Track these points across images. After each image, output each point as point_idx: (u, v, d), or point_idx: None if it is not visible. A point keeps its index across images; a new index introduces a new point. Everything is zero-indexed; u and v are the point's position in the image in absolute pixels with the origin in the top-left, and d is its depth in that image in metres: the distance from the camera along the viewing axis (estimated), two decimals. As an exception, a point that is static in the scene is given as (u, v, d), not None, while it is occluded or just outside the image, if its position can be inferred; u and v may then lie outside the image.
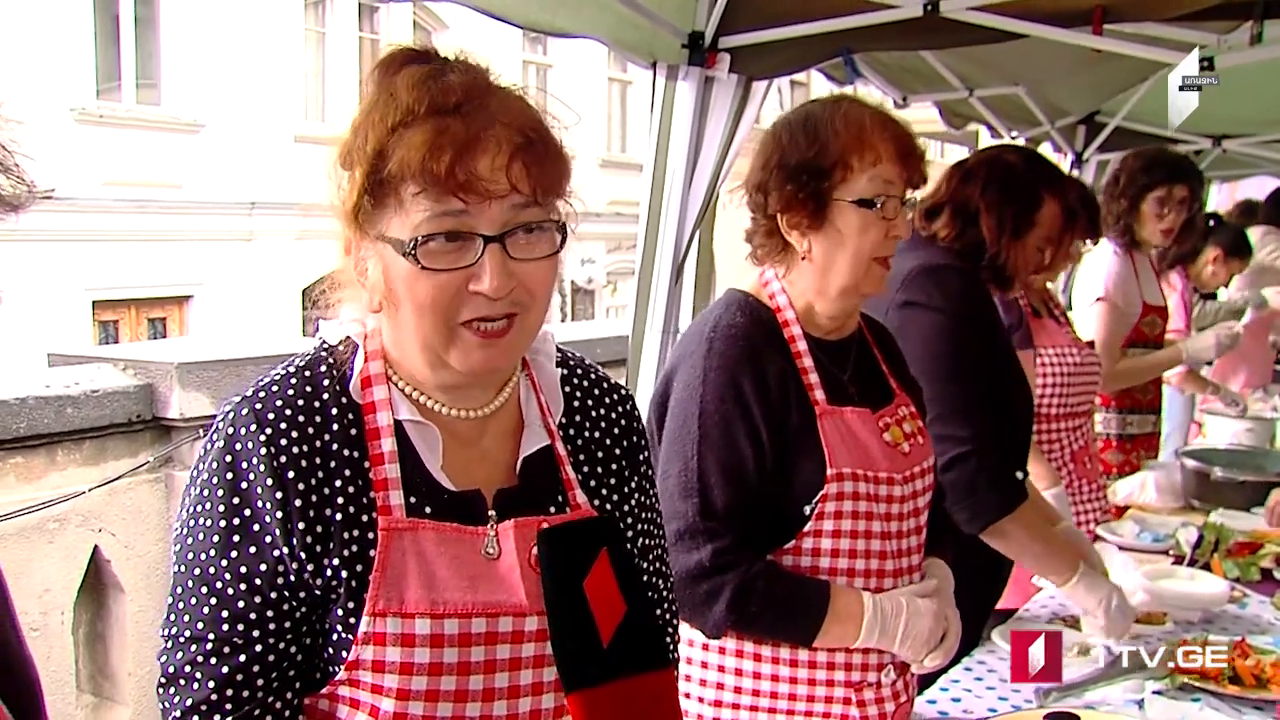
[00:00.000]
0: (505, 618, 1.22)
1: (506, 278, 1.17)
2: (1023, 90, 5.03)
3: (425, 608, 1.19)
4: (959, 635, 1.90)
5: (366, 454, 1.22)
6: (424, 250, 1.15)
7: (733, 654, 1.89)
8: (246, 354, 3.56)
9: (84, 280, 12.08)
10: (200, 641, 1.18)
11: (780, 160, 1.86)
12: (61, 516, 3.15)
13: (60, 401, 3.13)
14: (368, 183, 1.16)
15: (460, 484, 1.26)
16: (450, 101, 1.16)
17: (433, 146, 1.13)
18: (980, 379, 2.37)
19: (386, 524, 1.20)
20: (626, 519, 1.40)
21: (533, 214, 1.18)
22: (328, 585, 1.19)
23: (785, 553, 1.83)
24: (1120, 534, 3.15)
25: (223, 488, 1.19)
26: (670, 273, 3.50)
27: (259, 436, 1.19)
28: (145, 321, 13.10)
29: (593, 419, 1.40)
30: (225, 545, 1.18)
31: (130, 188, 12.34)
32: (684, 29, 3.39)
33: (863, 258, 1.84)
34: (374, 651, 1.18)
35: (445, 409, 1.28)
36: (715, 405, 1.83)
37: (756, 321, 1.89)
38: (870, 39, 3.48)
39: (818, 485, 1.81)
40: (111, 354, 3.61)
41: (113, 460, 3.29)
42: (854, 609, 1.80)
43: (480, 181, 1.14)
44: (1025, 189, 2.59)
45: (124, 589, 3.34)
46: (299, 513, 1.18)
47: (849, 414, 1.87)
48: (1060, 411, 3.25)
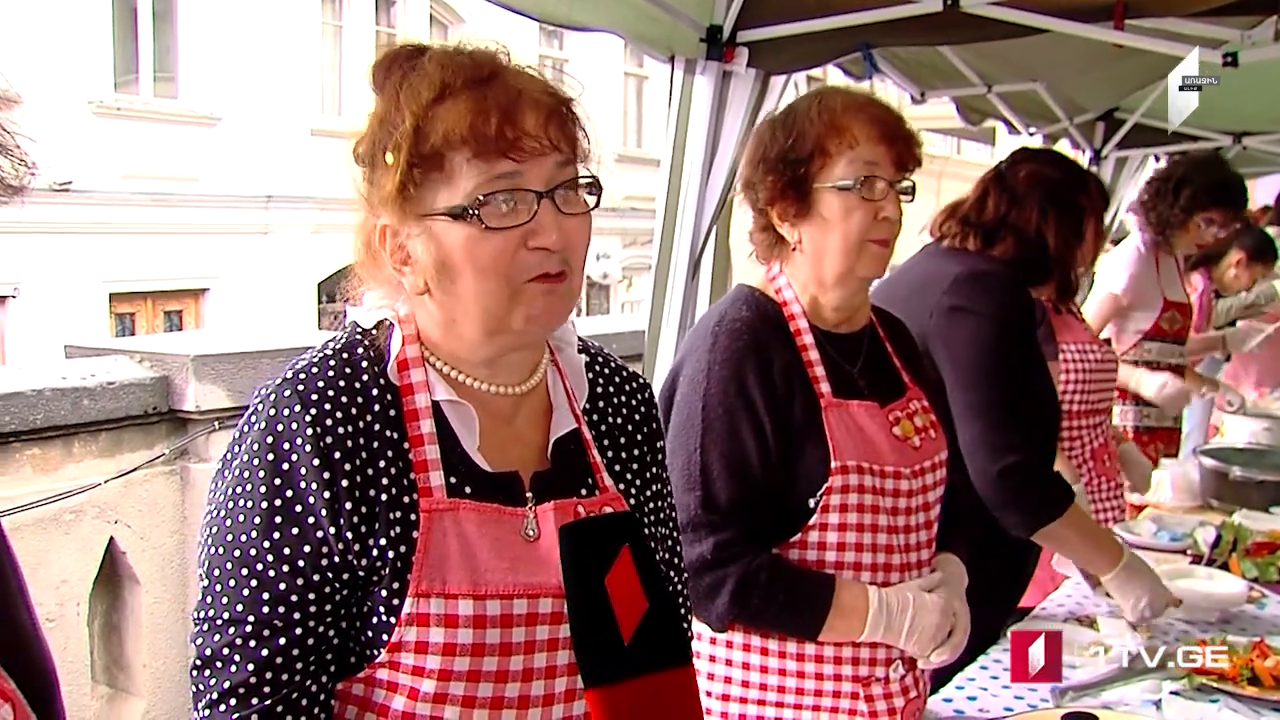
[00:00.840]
0: (546, 599, 1.23)
1: (562, 232, 1.20)
2: (1041, 86, 5.01)
3: (468, 589, 1.20)
4: (967, 631, 1.90)
5: (406, 435, 1.23)
6: (485, 211, 1.18)
7: (740, 647, 1.90)
8: (262, 347, 3.57)
9: (101, 273, 12.13)
10: (239, 624, 1.18)
11: (764, 155, 1.90)
12: (78, 508, 3.17)
13: (77, 393, 3.15)
14: (412, 159, 1.18)
15: (497, 465, 1.27)
16: (483, 73, 1.20)
17: (478, 111, 1.17)
18: (1026, 386, 2.40)
19: (428, 505, 1.21)
20: (646, 506, 1.41)
21: (571, 171, 1.23)
22: (372, 566, 1.20)
23: (790, 546, 1.84)
24: (1137, 533, 3.13)
25: (264, 469, 1.19)
26: (687, 268, 3.50)
27: (304, 417, 1.19)
28: (161, 314, 13.14)
29: (614, 405, 1.42)
30: (267, 526, 1.18)
31: (147, 180, 12.37)
32: (702, 23, 3.39)
33: (851, 241, 1.84)
34: (417, 633, 1.19)
35: (484, 385, 1.29)
36: (719, 398, 1.84)
37: (762, 316, 1.91)
38: (889, 34, 3.47)
39: (822, 478, 1.81)
40: (128, 346, 3.64)
41: (128, 452, 3.31)
42: (859, 603, 1.80)
43: (529, 139, 1.18)
44: (1073, 202, 2.63)
45: (139, 581, 3.36)
46: (346, 493, 1.18)
47: (855, 407, 1.87)
48: (1081, 408, 3.24)
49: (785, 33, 3.37)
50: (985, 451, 2.27)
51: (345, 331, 1.32)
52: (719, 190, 3.44)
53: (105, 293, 12.38)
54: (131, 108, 12.53)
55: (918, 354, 2.10)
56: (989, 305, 2.37)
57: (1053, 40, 3.56)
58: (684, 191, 3.48)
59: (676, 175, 3.48)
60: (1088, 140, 5.89)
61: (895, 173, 1.84)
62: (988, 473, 2.27)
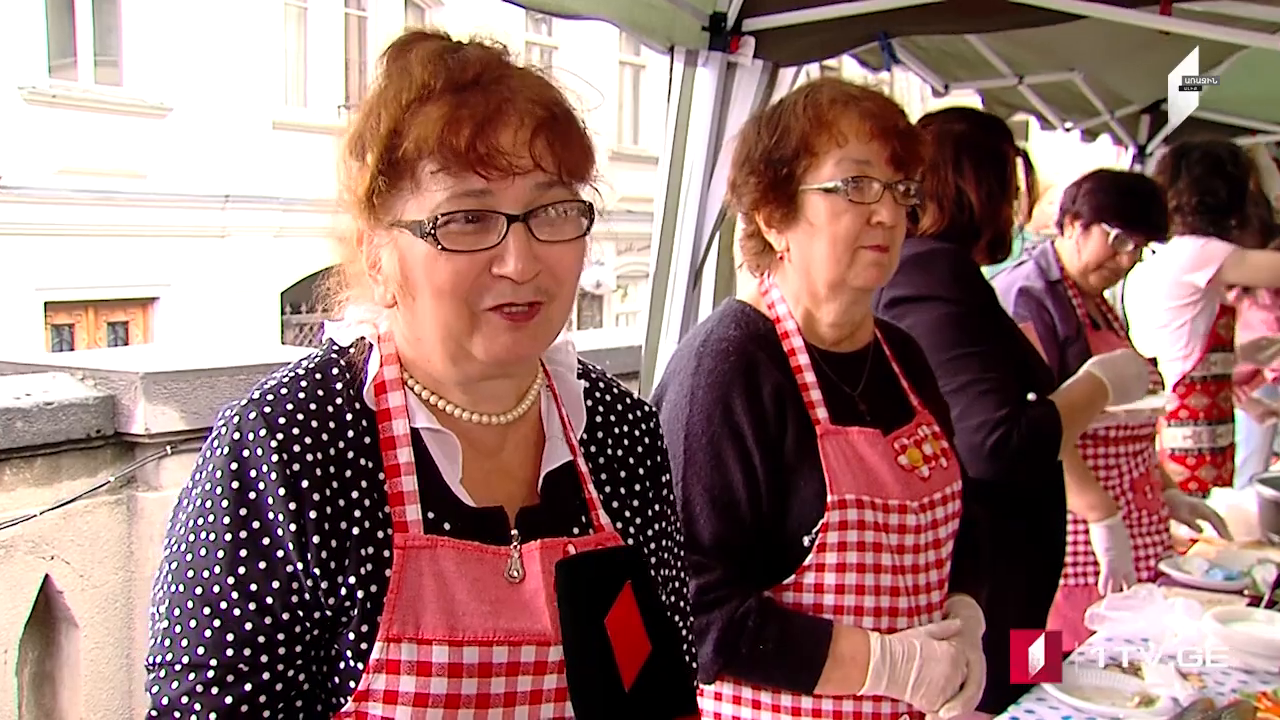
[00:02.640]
0: (528, 647, 1.23)
1: (531, 260, 1.19)
2: (1078, 76, 5.00)
3: (443, 634, 1.20)
4: (982, 683, 1.89)
5: (381, 465, 1.24)
6: (444, 231, 1.18)
7: (730, 700, 1.90)
8: (220, 363, 3.57)
9: (35, 279, 12.11)
10: (201, 669, 1.18)
11: (748, 154, 1.92)
12: (8, 542, 3.16)
13: (8, 414, 3.14)
14: (382, 165, 1.19)
15: (480, 500, 1.28)
16: (468, 76, 1.20)
17: (451, 120, 1.17)
18: (994, 356, 2.48)
19: (403, 541, 1.21)
20: (648, 545, 1.41)
21: (557, 194, 1.22)
22: (340, 606, 1.20)
23: (785, 589, 1.84)
24: (1187, 571, 3.13)
25: (228, 498, 1.19)
26: (688, 277, 3.51)
27: (269, 442, 1.19)
28: (105, 326, 13.13)
29: (615, 436, 1.43)
30: (232, 561, 1.18)
31: (88, 177, 12.36)
32: (704, 10, 3.41)
33: (840, 248, 1.85)
34: (386, 681, 1.19)
35: (466, 413, 1.29)
36: (702, 427, 1.84)
37: (751, 334, 1.91)
38: (909, 21, 3.48)
39: (818, 513, 1.81)
40: (67, 362, 3.64)
41: (68, 480, 3.30)
42: (859, 652, 1.79)
43: (502, 156, 1.17)
44: (991, 150, 2.68)
45: (78, 623, 3.35)
46: (314, 526, 1.18)
47: (855, 434, 1.88)
48: (1120, 435, 3.24)
49: (795, 20, 3.39)
50: (968, 433, 2.36)
51: (321, 349, 1.32)
52: (723, 192, 3.44)
53: (40, 301, 12.36)
54: (69, 95, 12.53)
55: (929, 374, 2.11)
56: (929, 287, 2.45)
57: (1091, 24, 3.57)
58: (685, 193, 3.48)
59: (677, 176, 3.49)
60: (1130, 135, 5.87)
61: (892, 173, 1.85)
62: (979, 452, 2.37)
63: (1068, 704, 2.22)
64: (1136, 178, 3.58)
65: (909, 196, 1.87)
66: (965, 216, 2.61)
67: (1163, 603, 2.53)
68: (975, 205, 2.61)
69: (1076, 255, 3.31)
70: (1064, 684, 2.23)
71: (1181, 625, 2.43)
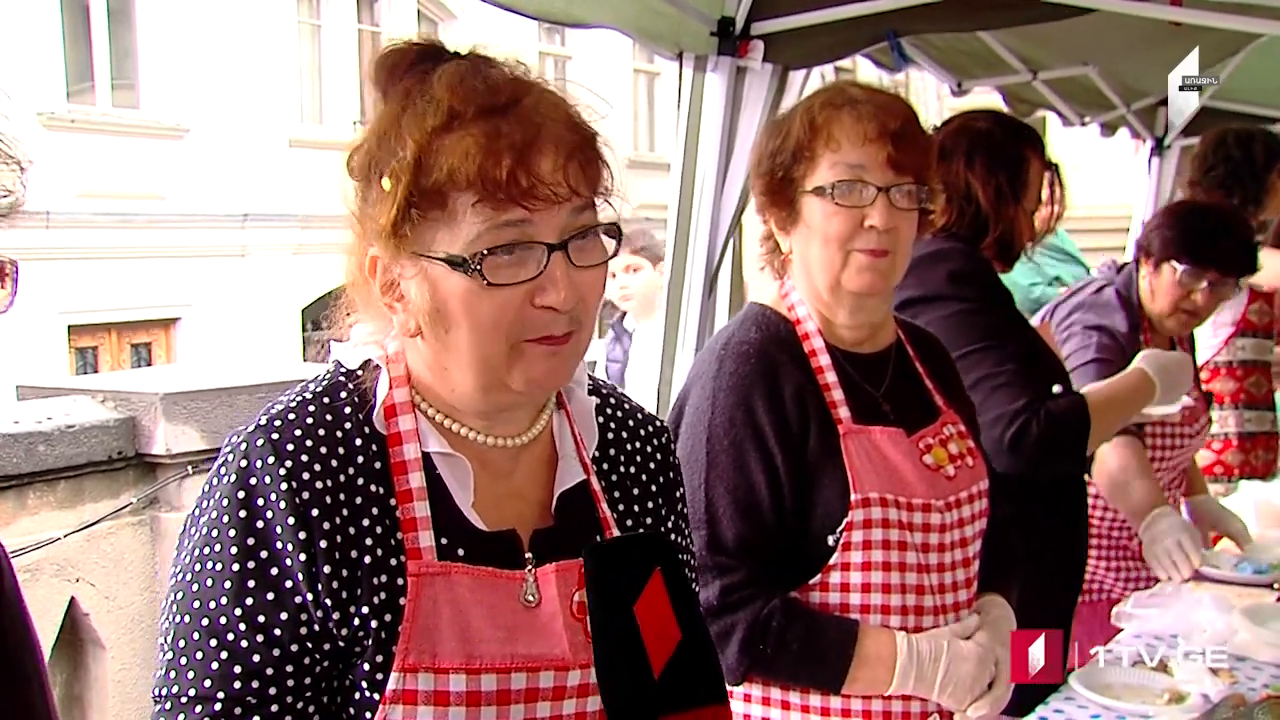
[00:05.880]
0: (546, 672, 1.22)
1: (573, 289, 1.18)
2: (1093, 70, 4.97)
3: (460, 662, 1.19)
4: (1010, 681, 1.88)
5: (393, 491, 1.22)
6: (489, 264, 1.16)
7: (759, 701, 1.90)
8: (240, 382, 3.60)
9: (58, 303, 12.17)
10: (207, 701, 1.17)
11: (758, 157, 1.95)
12: (33, 566, 3.18)
13: (31, 438, 3.17)
14: (410, 195, 1.16)
15: (493, 523, 1.26)
16: (499, 101, 1.17)
17: (489, 151, 1.14)
18: (1010, 349, 2.48)
19: (417, 568, 1.20)
20: None
21: (588, 218, 1.21)
22: (354, 636, 1.19)
23: (810, 589, 1.84)
24: (1215, 565, 3.10)
25: (235, 527, 1.18)
26: (703, 285, 3.50)
27: (278, 470, 1.18)
28: (127, 348, 13.22)
29: (627, 453, 1.42)
30: (239, 591, 1.17)
31: (107, 200, 12.45)
32: (712, 15, 3.40)
33: (831, 249, 1.86)
34: (404, 712, 1.18)
35: (480, 437, 1.28)
36: (725, 429, 1.86)
37: (773, 336, 1.93)
38: (918, 19, 3.46)
39: (842, 513, 1.82)
40: (89, 384, 3.66)
41: (91, 502, 3.32)
42: (885, 651, 1.80)
43: (544, 186, 1.15)
44: (1007, 150, 2.65)
45: (104, 645, 3.38)
46: (325, 555, 1.17)
47: (878, 434, 1.88)
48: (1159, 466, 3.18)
49: (804, 23, 3.38)
50: (987, 427, 2.32)
51: (328, 371, 1.31)
52: (735, 198, 3.45)
53: (64, 325, 12.44)
54: (87, 119, 12.62)
55: (954, 373, 2.12)
56: (936, 287, 2.45)
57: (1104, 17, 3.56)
58: (698, 200, 3.48)
59: (689, 182, 3.49)
60: (1148, 128, 5.81)
61: (891, 176, 1.84)
62: (998, 445, 2.35)
63: (1097, 703, 2.21)
64: (1207, 209, 3.36)
65: (913, 199, 1.87)
66: (972, 211, 2.60)
67: (1191, 598, 2.51)
68: (981, 201, 2.60)
69: (1151, 297, 3.17)
70: (1092, 682, 2.23)
71: (1211, 620, 2.41)
